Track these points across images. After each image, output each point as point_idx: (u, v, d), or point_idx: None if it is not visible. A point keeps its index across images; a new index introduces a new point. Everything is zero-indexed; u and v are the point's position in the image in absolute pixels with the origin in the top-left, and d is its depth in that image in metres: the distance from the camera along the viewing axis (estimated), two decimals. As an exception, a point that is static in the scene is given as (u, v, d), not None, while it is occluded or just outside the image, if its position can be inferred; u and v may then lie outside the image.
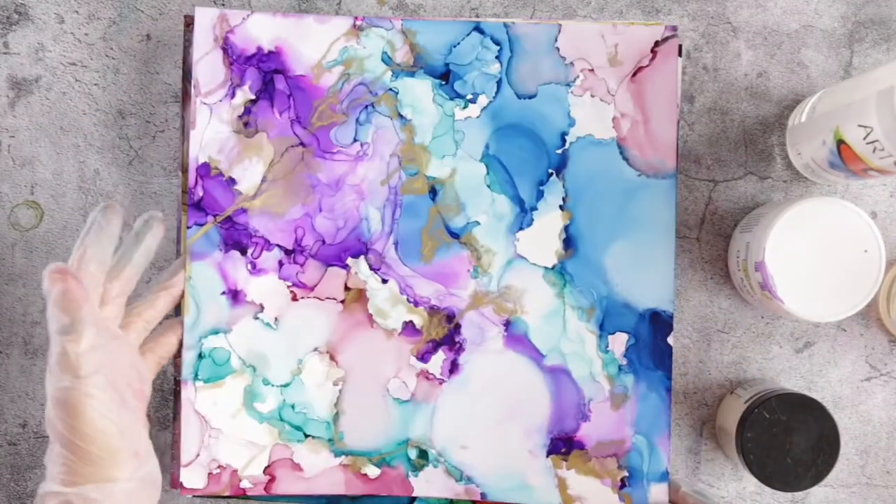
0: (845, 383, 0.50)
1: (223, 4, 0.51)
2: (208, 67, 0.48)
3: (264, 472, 0.48)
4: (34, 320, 0.52)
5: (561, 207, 0.48)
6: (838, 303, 0.44)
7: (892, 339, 0.50)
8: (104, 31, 0.52)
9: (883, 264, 0.44)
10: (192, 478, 0.48)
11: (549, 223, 0.48)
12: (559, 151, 0.48)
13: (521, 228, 0.48)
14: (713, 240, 0.51)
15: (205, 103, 0.48)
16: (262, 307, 0.49)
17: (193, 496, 0.49)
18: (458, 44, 0.48)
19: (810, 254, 0.44)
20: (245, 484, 0.48)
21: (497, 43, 0.49)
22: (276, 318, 0.48)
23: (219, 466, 0.48)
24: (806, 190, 0.50)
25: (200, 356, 0.48)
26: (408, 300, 0.49)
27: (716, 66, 0.51)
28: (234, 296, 0.48)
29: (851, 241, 0.44)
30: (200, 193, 0.48)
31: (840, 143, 0.43)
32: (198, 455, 0.48)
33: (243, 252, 0.48)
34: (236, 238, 0.48)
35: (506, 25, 0.49)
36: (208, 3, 0.51)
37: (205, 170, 0.48)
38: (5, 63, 0.52)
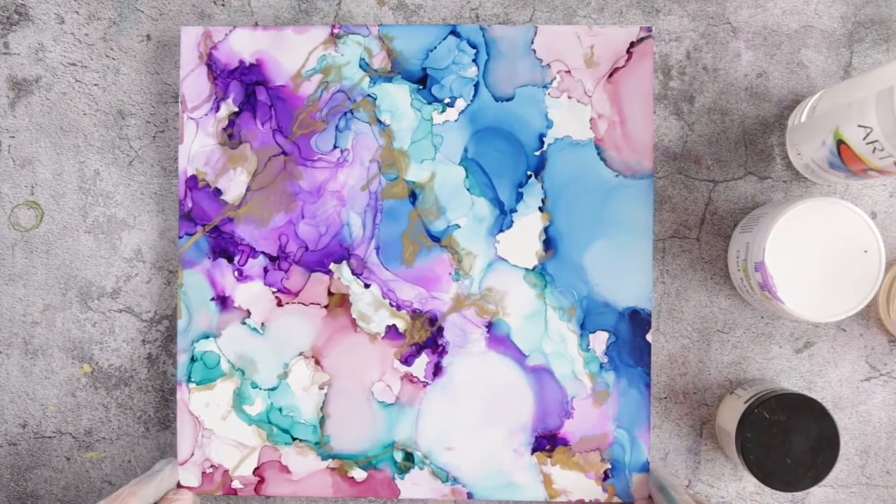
0: (845, 383, 0.49)
1: (223, 5, 0.51)
2: (194, 83, 0.49)
3: (254, 473, 0.48)
4: (34, 320, 0.51)
5: (540, 209, 0.48)
6: (838, 303, 0.43)
7: (891, 339, 0.49)
8: (104, 32, 0.51)
9: (882, 264, 0.43)
10: (188, 476, 0.49)
11: (528, 225, 0.48)
12: (537, 153, 0.48)
13: (501, 230, 0.48)
14: (713, 240, 0.50)
15: (191, 118, 0.49)
16: (248, 312, 0.49)
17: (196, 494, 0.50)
18: (435, 48, 0.48)
19: (810, 254, 0.43)
20: (236, 484, 0.48)
21: (473, 46, 0.48)
22: (262, 324, 0.49)
23: (211, 466, 0.49)
24: (806, 190, 0.49)
25: (193, 359, 0.49)
26: (390, 304, 0.48)
27: (716, 66, 0.50)
28: (223, 302, 0.49)
29: (851, 242, 0.43)
30: (190, 205, 0.49)
31: (840, 143, 0.42)
32: (192, 454, 0.49)
33: (230, 260, 0.49)
34: (223, 246, 0.49)
35: (482, 28, 0.48)
36: (207, 4, 0.51)
37: (193, 182, 0.49)
38: (5, 63, 0.52)
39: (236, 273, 0.49)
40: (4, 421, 0.51)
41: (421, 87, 0.49)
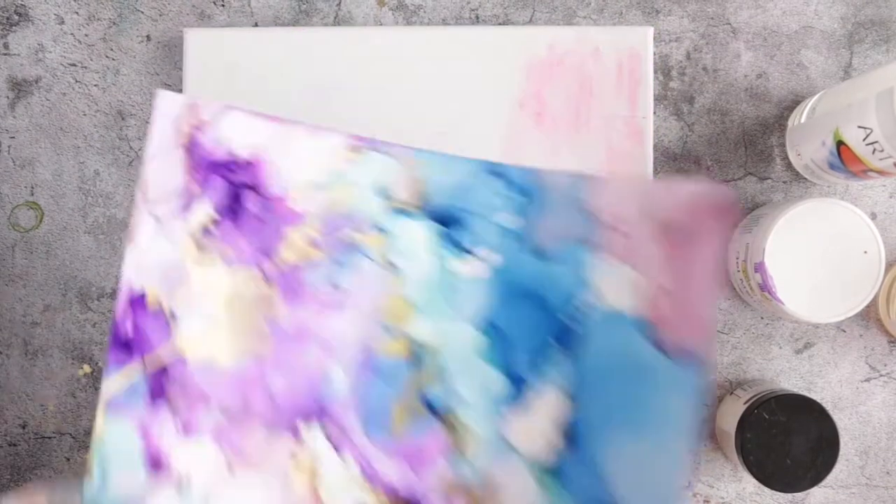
0: (845, 384, 0.49)
1: (223, 5, 0.51)
2: (163, 167, 0.38)
3: None
4: (34, 321, 0.51)
5: (563, 389, 0.38)
6: (838, 304, 0.43)
7: (891, 339, 0.49)
8: (104, 32, 0.52)
9: (882, 265, 0.43)
10: None
11: (545, 407, 0.38)
12: (569, 322, 0.38)
13: (511, 410, 0.38)
14: (713, 240, 0.51)
15: (152, 214, 0.38)
16: (189, 481, 0.37)
17: None
18: (471, 186, 0.38)
19: (810, 255, 0.43)
20: None
21: (515, 190, 0.38)
22: (205, 497, 0.37)
23: None
24: (806, 191, 0.49)
25: None
26: (366, 481, 0.38)
27: (715, 66, 0.50)
28: (156, 464, 0.37)
29: (851, 243, 0.43)
30: (130, 330, 0.38)
31: (840, 144, 0.42)
32: None
33: (174, 408, 0.37)
34: (167, 389, 0.38)
35: (529, 171, 0.37)
36: (207, 5, 0.51)
37: (139, 302, 0.38)
38: (5, 64, 0.52)
39: (181, 427, 0.37)
40: (4, 421, 0.51)
41: (446, 229, 0.39)
